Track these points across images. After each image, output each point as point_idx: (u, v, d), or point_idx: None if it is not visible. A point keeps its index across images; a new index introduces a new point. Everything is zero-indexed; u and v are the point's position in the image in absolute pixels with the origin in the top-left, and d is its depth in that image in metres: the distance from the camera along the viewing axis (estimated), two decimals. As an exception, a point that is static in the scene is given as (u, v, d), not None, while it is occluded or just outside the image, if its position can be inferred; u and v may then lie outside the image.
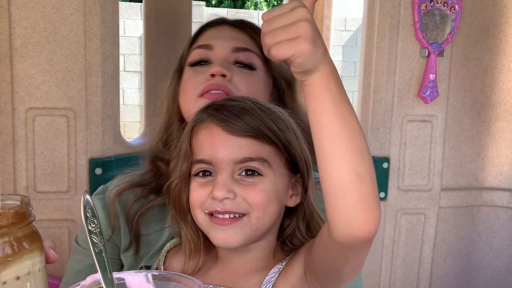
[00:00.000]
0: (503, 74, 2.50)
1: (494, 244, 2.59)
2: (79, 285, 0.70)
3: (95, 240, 0.71)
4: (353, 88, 9.07)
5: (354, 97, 2.56)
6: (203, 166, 0.82)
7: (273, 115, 0.82)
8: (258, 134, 0.79)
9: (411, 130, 2.44)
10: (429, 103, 2.41)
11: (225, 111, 0.80)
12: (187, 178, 0.85)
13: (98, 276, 0.69)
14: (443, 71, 2.43)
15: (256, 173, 0.80)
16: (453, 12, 2.37)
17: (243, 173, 0.80)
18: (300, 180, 0.87)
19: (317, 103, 0.66)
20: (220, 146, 0.79)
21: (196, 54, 1.11)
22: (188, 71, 1.12)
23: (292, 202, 0.87)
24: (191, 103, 1.05)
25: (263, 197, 0.79)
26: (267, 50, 0.68)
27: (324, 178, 0.68)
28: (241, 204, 0.79)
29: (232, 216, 0.80)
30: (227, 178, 0.79)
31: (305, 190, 0.86)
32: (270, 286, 0.80)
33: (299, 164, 0.85)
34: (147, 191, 1.14)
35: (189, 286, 0.71)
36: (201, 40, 1.13)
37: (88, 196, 0.73)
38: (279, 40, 0.65)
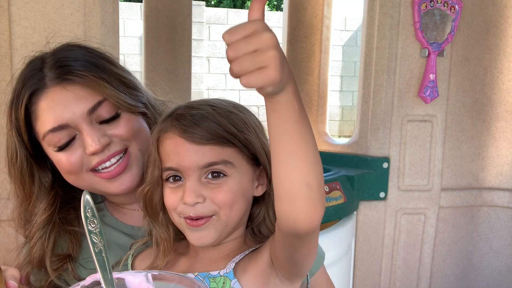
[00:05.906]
0: (503, 74, 2.50)
1: (494, 244, 2.59)
2: (79, 285, 0.70)
3: (95, 240, 0.71)
4: (353, 88, 9.10)
5: (354, 97, 2.55)
6: (172, 173, 0.89)
7: (231, 117, 0.88)
8: (218, 139, 0.85)
9: (411, 130, 2.44)
10: (429, 103, 2.41)
11: (185, 121, 0.86)
12: (159, 182, 0.91)
13: (98, 276, 0.69)
14: (443, 71, 2.42)
15: (221, 174, 0.87)
16: (453, 12, 2.37)
17: (210, 176, 0.87)
18: (264, 171, 0.93)
19: (280, 120, 0.68)
20: (185, 155, 0.86)
21: (57, 139, 0.99)
22: (58, 156, 1.01)
23: (259, 192, 0.94)
24: (85, 179, 1.02)
25: (229, 197, 0.87)
26: (235, 76, 0.63)
27: (277, 183, 0.72)
28: (210, 206, 0.86)
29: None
30: (195, 183, 0.86)
31: (269, 180, 0.93)
32: (233, 265, 0.88)
33: (260, 159, 0.91)
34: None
35: (189, 287, 0.71)
36: (45, 119, 0.99)
37: (88, 196, 0.73)
38: (247, 70, 0.62)
